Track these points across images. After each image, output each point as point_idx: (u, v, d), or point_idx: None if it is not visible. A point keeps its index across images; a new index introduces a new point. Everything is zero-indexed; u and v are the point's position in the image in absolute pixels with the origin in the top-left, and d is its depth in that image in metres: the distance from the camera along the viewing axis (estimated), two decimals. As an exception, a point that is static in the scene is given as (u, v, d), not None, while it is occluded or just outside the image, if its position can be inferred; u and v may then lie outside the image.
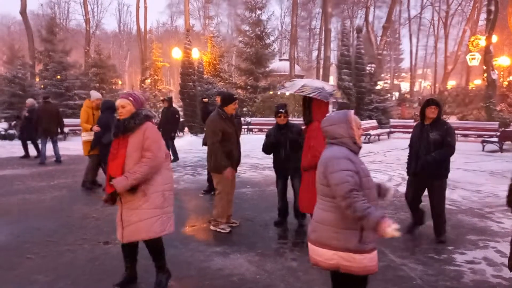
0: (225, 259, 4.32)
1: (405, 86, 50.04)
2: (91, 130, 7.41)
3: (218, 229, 5.20)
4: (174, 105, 11.08)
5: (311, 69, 52.04)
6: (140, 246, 3.57)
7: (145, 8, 38.35)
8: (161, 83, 30.49)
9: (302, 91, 4.60)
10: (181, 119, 16.25)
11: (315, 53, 50.97)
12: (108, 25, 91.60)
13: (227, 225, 5.29)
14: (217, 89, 18.76)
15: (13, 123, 11.44)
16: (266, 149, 5.38)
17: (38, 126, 10.71)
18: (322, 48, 32.46)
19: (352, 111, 2.69)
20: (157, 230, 3.35)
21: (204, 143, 7.41)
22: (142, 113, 3.38)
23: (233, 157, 5.14)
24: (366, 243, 2.47)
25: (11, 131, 16.19)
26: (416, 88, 53.90)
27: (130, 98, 3.42)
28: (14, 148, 13.16)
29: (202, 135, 8.00)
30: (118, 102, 3.41)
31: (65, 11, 44.60)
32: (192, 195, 7.29)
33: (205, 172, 8.15)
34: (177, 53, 23.01)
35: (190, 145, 14.23)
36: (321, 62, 33.43)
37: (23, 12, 28.95)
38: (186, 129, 19.12)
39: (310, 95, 4.52)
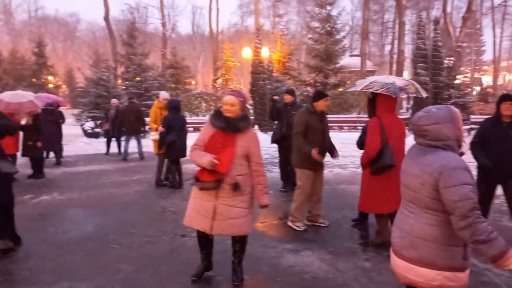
0: (296, 256, 4.35)
1: (487, 80, 46.58)
2: (156, 130, 7.78)
3: (294, 226, 5.22)
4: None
5: (383, 64, 50.24)
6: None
7: (217, 9, 39.47)
8: (232, 82, 31.19)
9: (370, 87, 4.48)
10: (251, 117, 16.52)
11: (387, 48, 49.16)
12: (183, 27, 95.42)
13: (304, 223, 5.28)
14: (286, 87, 18.81)
15: (99, 122, 12.36)
16: (361, 145, 5.32)
17: (123, 124, 11.56)
18: (396, 42, 31.20)
19: (453, 107, 2.28)
20: (247, 228, 3.55)
21: (273, 141, 7.49)
22: (250, 119, 3.61)
23: (307, 156, 5.14)
24: (468, 259, 2.22)
25: (97, 130, 17.50)
26: (500, 81, 49.94)
27: (241, 98, 3.51)
28: (100, 146, 14.19)
29: (271, 133, 8.07)
30: (228, 99, 3.49)
31: (144, 15, 47.12)
32: (263, 192, 7.38)
33: (276, 169, 8.23)
34: (247, 53, 23.40)
35: (261, 143, 14.37)
36: (395, 56, 32.15)
37: (106, 18, 31.13)
38: (256, 126, 19.39)
39: (378, 91, 4.39)
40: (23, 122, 8.48)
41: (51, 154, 11.06)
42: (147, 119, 9.18)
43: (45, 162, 9.54)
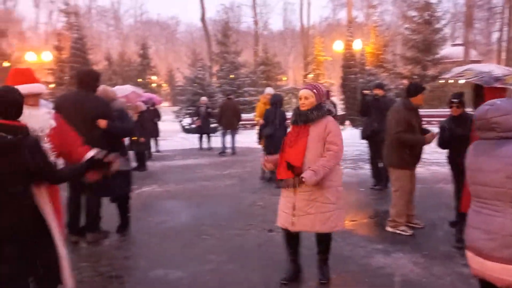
0: (386, 257, 4.16)
1: None
2: (257, 123, 8.04)
3: (397, 231, 4.84)
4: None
5: (490, 53, 45.81)
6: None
7: (308, 4, 39.22)
8: (323, 77, 30.78)
9: (462, 75, 4.10)
10: (342, 112, 16.15)
11: (495, 35, 44.68)
12: (274, 24, 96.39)
13: (407, 226, 4.93)
14: (378, 81, 18.08)
15: (194, 118, 13.12)
16: (443, 143, 4.80)
17: (221, 120, 12.09)
18: (505, 29, 28.25)
19: None
20: (331, 225, 3.41)
21: (363, 137, 7.24)
22: (325, 107, 3.49)
23: (416, 153, 4.86)
24: None
25: (193, 126, 18.50)
26: None
27: (315, 91, 3.48)
28: (196, 141, 14.92)
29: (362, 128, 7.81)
30: (302, 92, 3.51)
31: (237, 15, 48.54)
32: (352, 189, 7.19)
33: (367, 166, 7.96)
34: (338, 46, 22.90)
35: (351, 138, 14.01)
36: (503, 44, 29.14)
37: (203, 19, 32.65)
38: (347, 122, 18.94)
39: (470, 80, 3.99)
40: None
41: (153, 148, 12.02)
42: (244, 116, 9.61)
43: (148, 156, 10.33)
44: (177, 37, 66.33)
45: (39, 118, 2.88)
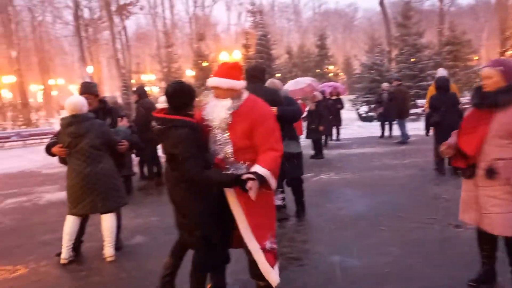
0: None
1: None
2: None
3: None
4: None
5: None
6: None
7: (508, -31, 33.63)
8: (527, 53, 26.17)
9: None
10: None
11: None
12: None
13: None
14: None
15: (372, 106, 12.78)
16: None
17: (394, 107, 11.60)
18: None
19: None
20: None
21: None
22: None
23: None
24: None
25: (370, 114, 18.05)
26: None
27: (502, 68, 2.91)
28: (373, 129, 14.58)
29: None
30: (483, 72, 3.03)
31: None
32: None
33: None
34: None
35: None
36: None
37: (381, 2, 31.32)
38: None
39: None
40: (307, 108, 9.71)
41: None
42: (420, 101, 8.93)
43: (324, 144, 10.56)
44: (354, 24, 65.39)
45: (222, 110, 2.90)
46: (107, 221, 4.25)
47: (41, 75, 45.60)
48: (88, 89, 4.51)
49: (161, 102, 8.60)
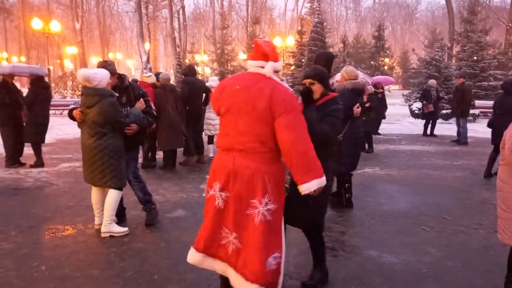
0: None
1: None
2: None
3: None
4: None
5: None
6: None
7: None
8: None
9: None
10: None
11: None
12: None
13: None
14: None
15: (424, 102, 12.33)
16: None
17: (453, 105, 11.19)
18: None
19: None
20: None
21: None
22: None
23: None
24: None
25: (422, 111, 17.42)
26: None
27: None
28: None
29: None
30: None
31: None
32: None
33: None
34: None
35: None
36: None
37: (447, -5, 29.84)
38: None
39: None
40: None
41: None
42: (478, 102, 8.52)
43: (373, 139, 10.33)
44: (416, 17, 62.82)
45: None
46: (108, 196, 4.31)
47: (101, 48, 47.54)
48: (104, 68, 4.36)
49: (212, 81, 8.76)
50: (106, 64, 4.40)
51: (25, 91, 8.27)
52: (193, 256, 2.78)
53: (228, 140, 2.65)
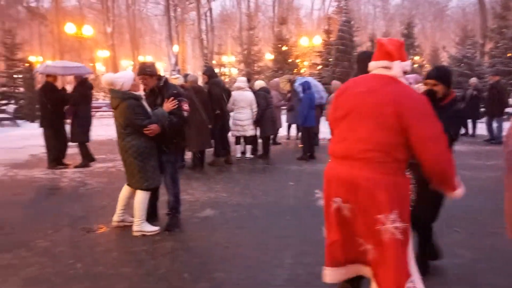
0: None
1: None
2: None
3: None
4: None
5: None
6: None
7: None
8: None
9: None
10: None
11: None
12: None
13: None
14: None
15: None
16: None
17: (492, 104, 10.85)
18: None
19: None
20: None
21: None
22: None
23: None
24: None
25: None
26: None
27: None
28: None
29: None
30: None
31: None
32: None
33: None
34: None
35: None
36: None
37: (479, -9, 28.99)
38: None
39: None
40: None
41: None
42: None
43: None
44: (446, 14, 61.25)
45: None
46: (136, 197, 4.43)
47: (132, 51, 48.56)
48: (142, 70, 4.44)
49: (240, 82, 8.83)
50: (145, 67, 4.52)
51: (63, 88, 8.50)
52: (333, 274, 2.60)
53: (345, 147, 2.45)
